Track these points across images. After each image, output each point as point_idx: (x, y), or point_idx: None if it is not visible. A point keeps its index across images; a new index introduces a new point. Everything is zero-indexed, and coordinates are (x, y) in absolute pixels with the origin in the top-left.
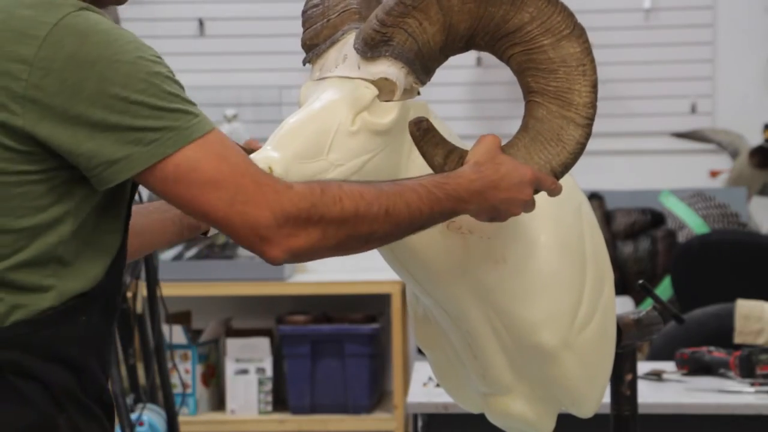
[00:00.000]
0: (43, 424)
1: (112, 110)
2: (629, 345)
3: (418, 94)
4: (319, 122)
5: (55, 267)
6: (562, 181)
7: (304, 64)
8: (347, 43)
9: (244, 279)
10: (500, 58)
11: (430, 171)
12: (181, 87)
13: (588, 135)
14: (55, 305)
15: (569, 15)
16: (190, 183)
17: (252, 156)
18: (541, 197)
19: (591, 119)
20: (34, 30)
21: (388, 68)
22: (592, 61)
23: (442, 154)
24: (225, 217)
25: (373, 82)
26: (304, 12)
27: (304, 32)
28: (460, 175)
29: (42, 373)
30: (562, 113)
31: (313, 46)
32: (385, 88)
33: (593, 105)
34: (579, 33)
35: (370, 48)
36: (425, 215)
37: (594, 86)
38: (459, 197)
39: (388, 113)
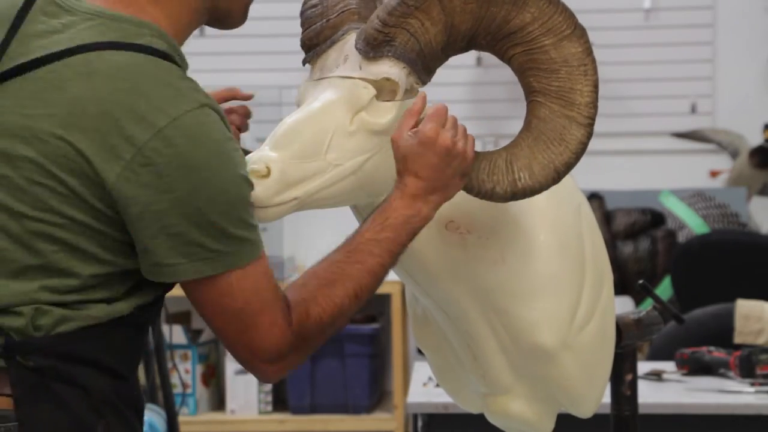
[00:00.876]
0: (82, 428)
1: (189, 220)
2: (629, 345)
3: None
4: (317, 122)
5: (107, 293)
6: (562, 181)
7: (303, 65)
8: (348, 43)
9: None
10: (501, 58)
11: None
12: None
13: (590, 134)
14: (102, 321)
15: (570, 15)
16: (217, 305)
17: (250, 156)
18: (542, 197)
19: (593, 119)
20: (154, 117)
21: (390, 68)
22: (594, 61)
23: None
24: (233, 343)
25: (374, 82)
26: (302, 12)
27: (303, 32)
28: (391, 202)
29: (83, 380)
30: (564, 113)
31: (313, 47)
32: (385, 89)
33: (595, 105)
34: (580, 33)
35: (372, 48)
36: (388, 263)
37: (595, 86)
38: (405, 219)
39: (387, 113)
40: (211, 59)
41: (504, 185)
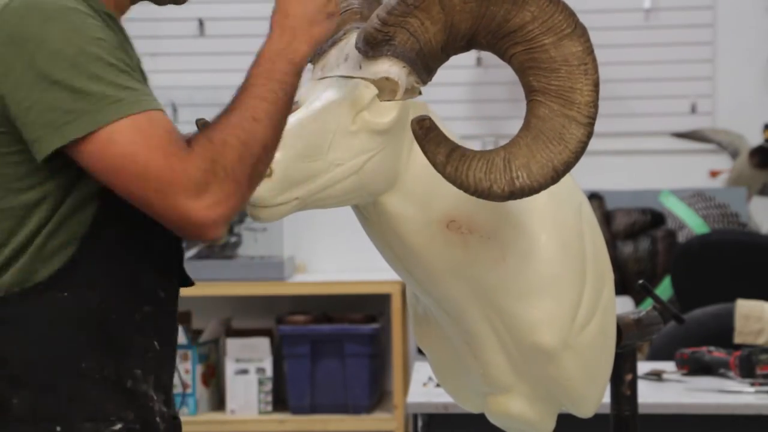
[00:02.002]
0: None
1: (36, 88)
2: (629, 345)
3: (420, 93)
4: (319, 122)
5: (30, 248)
6: (562, 181)
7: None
8: (348, 43)
9: (244, 279)
10: (502, 57)
11: (431, 170)
12: (123, 65)
13: (590, 134)
14: (25, 286)
15: (570, 14)
16: (107, 163)
17: None
18: (542, 197)
19: (593, 118)
20: None
21: (390, 67)
22: (594, 60)
23: (444, 153)
24: (143, 191)
25: (374, 81)
26: None
27: None
28: (265, 42)
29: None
30: (564, 112)
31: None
32: (386, 88)
33: (595, 104)
34: (581, 32)
35: (372, 47)
36: (278, 89)
37: (596, 85)
38: (278, 51)
39: (388, 113)
40: (211, 59)
41: (501, 184)
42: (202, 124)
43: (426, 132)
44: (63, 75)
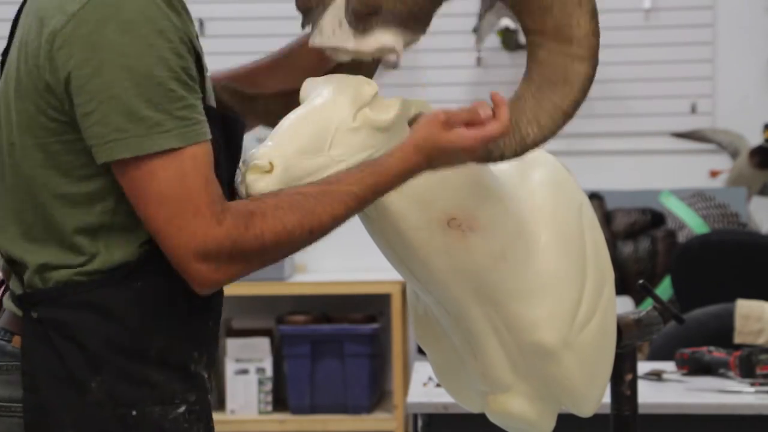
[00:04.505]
0: (76, 382)
1: (96, 98)
2: (629, 345)
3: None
4: (320, 118)
5: (104, 234)
6: (562, 181)
7: (302, 28)
8: (340, 7)
9: (244, 279)
10: None
11: None
12: (184, 82)
13: (594, 67)
14: (103, 269)
15: None
16: (140, 189)
17: (253, 151)
18: (543, 197)
19: (595, 50)
20: (68, 5)
21: (382, 37)
22: None
23: None
24: (160, 232)
25: (371, 53)
26: None
27: None
28: (386, 159)
29: (82, 334)
30: (563, 51)
31: (307, 11)
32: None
33: (595, 33)
34: None
35: (361, 21)
36: (354, 207)
37: (593, 14)
38: (402, 172)
39: (390, 110)
40: (211, 59)
41: (513, 147)
42: (223, 88)
43: None
44: (124, 92)
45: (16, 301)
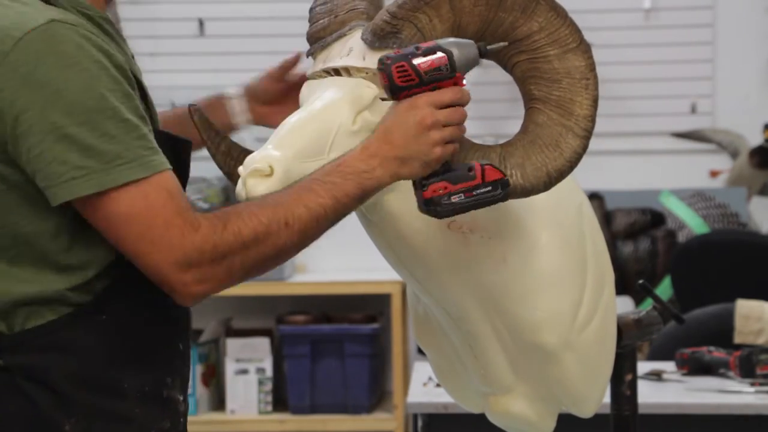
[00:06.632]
0: (49, 427)
1: (48, 137)
2: (629, 345)
3: None
4: (320, 121)
5: (64, 272)
6: (564, 181)
7: (307, 57)
8: (353, 38)
9: None
10: (504, 64)
11: None
12: (134, 113)
13: (585, 147)
14: (70, 304)
15: (577, 30)
16: (109, 224)
17: (252, 155)
18: (542, 197)
19: (589, 131)
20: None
21: None
22: (596, 77)
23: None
24: (136, 253)
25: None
26: (311, 9)
27: (310, 27)
28: (350, 153)
29: (52, 377)
30: (562, 121)
31: (319, 39)
32: None
33: (592, 118)
34: (585, 48)
35: (379, 38)
36: (330, 207)
37: (595, 101)
38: (357, 171)
39: None
40: (211, 59)
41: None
42: (195, 110)
43: None
44: (77, 129)
45: None
